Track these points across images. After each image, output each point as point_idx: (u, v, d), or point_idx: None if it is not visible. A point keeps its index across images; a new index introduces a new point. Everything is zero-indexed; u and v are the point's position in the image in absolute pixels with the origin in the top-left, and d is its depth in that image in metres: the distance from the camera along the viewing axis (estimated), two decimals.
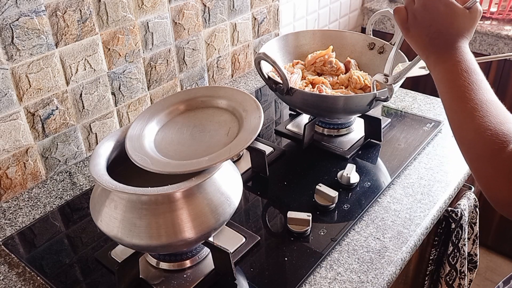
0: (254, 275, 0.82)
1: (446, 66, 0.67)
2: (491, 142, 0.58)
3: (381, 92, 1.02)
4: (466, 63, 0.66)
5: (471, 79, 0.64)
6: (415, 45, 0.74)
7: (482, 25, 1.77)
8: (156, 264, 0.84)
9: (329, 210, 0.95)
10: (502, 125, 0.59)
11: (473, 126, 0.60)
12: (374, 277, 0.81)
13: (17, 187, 1.03)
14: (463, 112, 0.62)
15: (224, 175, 0.78)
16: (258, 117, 0.77)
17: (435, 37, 0.70)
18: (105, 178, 0.70)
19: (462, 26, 0.69)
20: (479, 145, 0.59)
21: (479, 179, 0.60)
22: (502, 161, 0.56)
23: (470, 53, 0.68)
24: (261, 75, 1.09)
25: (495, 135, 0.58)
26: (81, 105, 1.08)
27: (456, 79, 0.65)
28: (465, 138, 0.62)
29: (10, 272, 0.85)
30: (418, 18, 0.71)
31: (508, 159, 0.56)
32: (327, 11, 1.82)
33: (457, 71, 0.65)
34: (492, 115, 0.60)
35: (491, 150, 0.57)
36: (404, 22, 0.74)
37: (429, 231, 0.94)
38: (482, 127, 0.59)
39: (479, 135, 0.59)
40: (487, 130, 0.59)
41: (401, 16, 0.74)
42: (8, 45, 0.91)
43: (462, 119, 0.63)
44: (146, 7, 1.13)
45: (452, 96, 0.65)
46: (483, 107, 0.61)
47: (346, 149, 1.13)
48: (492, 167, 0.58)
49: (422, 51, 0.73)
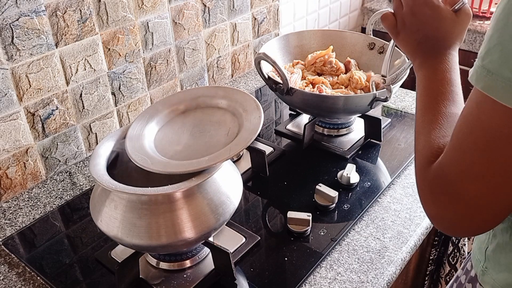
0: (254, 275, 0.82)
1: (426, 73, 0.67)
2: (425, 155, 0.57)
3: (380, 92, 1.02)
4: (444, 73, 0.66)
5: (442, 90, 0.64)
6: (404, 49, 0.74)
7: (482, 25, 1.77)
8: (156, 264, 0.84)
9: (329, 210, 0.95)
10: (442, 138, 0.58)
11: (423, 137, 0.60)
12: (374, 277, 0.81)
13: (17, 187, 1.03)
14: (422, 122, 0.62)
15: (224, 175, 0.78)
16: (258, 117, 0.77)
17: (423, 41, 0.70)
18: (105, 178, 0.70)
19: (449, 30, 0.69)
20: (418, 155, 0.59)
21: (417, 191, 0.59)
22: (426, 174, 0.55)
23: (454, 61, 0.68)
24: (261, 75, 1.09)
25: (431, 148, 0.57)
26: (81, 105, 1.08)
27: (429, 88, 0.65)
28: (416, 147, 0.62)
29: (10, 272, 0.85)
30: (407, 23, 0.71)
31: (430, 174, 0.55)
32: (327, 11, 1.82)
33: (433, 80, 0.65)
34: (441, 128, 0.59)
35: (422, 162, 0.57)
36: (393, 27, 0.74)
37: (429, 231, 0.94)
38: (427, 139, 0.59)
39: (422, 146, 0.59)
40: (428, 143, 0.58)
41: (389, 21, 0.74)
42: (8, 45, 0.91)
43: (419, 128, 0.62)
44: (146, 7, 1.13)
45: (420, 104, 0.65)
46: (438, 119, 0.60)
47: (346, 149, 1.13)
48: (420, 180, 0.57)
49: (410, 54, 0.73)
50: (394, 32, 0.74)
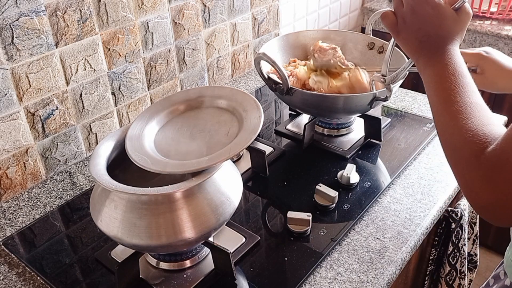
0: (254, 275, 0.82)
1: (435, 69, 0.68)
2: (472, 143, 0.57)
3: (380, 92, 1.02)
4: (454, 66, 0.66)
5: (458, 82, 0.64)
6: (405, 48, 0.74)
7: (482, 25, 1.77)
8: (156, 264, 0.84)
9: (329, 210, 0.95)
10: (483, 126, 0.58)
11: (456, 128, 0.60)
12: (374, 277, 0.81)
13: (17, 187, 1.03)
14: (448, 115, 0.62)
15: (224, 175, 0.78)
16: (258, 117, 0.77)
17: (425, 40, 0.70)
18: (105, 178, 0.70)
19: (451, 28, 0.69)
20: (460, 146, 0.59)
21: (461, 182, 0.59)
22: (481, 162, 0.56)
23: (459, 56, 0.68)
24: (261, 75, 1.09)
25: (476, 136, 0.57)
26: (81, 105, 1.08)
27: (443, 82, 0.65)
28: (448, 141, 0.62)
29: (10, 272, 0.85)
30: (407, 21, 0.71)
31: (486, 161, 0.55)
32: (327, 11, 1.82)
33: (445, 74, 0.66)
34: (475, 117, 0.60)
35: (471, 151, 0.57)
36: (393, 26, 0.74)
37: (429, 231, 0.94)
38: (464, 129, 0.59)
39: (461, 137, 0.59)
40: (468, 132, 0.58)
41: (389, 20, 0.74)
42: (8, 45, 0.91)
43: (446, 121, 0.63)
44: (146, 7, 1.13)
45: (439, 99, 0.65)
46: (467, 109, 0.61)
47: (346, 149, 1.13)
48: (471, 169, 0.57)
49: (412, 54, 0.73)
50: (395, 31, 0.74)
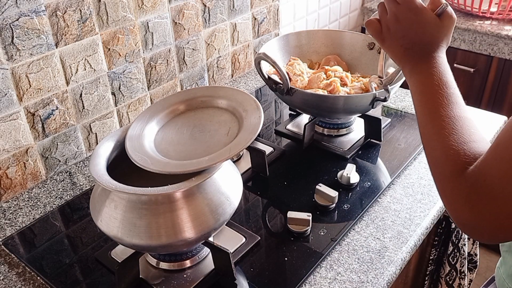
0: (254, 275, 0.82)
1: (420, 78, 0.67)
2: (452, 161, 0.57)
3: (380, 92, 1.02)
4: (439, 75, 0.65)
5: (442, 93, 0.63)
6: (391, 55, 0.74)
7: (482, 25, 1.77)
8: (156, 264, 0.84)
9: (329, 210, 0.95)
10: (465, 144, 0.58)
11: (439, 143, 0.60)
12: (374, 277, 0.81)
13: (17, 187, 1.03)
14: (432, 128, 0.62)
15: (224, 175, 0.78)
16: (258, 117, 0.77)
17: (409, 47, 0.69)
18: (105, 178, 0.70)
19: (435, 34, 0.69)
20: (443, 164, 0.59)
21: (443, 198, 0.59)
22: (460, 182, 0.55)
23: (445, 64, 0.68)
24: (261, 75, 1.09)
25: (457, 154, 0.57)
26: (81, 105, 1.08)
27: (427, 93, 0.65)
28: (431, 155, 0.62)
29: (10, 272, 0.85)
30: (392, 29, 0.71)
31: (465, 181, 0.54)
32: (327, 11, 1.82)
33: (430, 84, 0.65)
34: (457, 133, 0.59)
35: (452, 169, 0.57)
36: (378, 34, 0.74)
37: (429, 231, 0.94)
38: (446, 146, 0.59)
39: (443, 153, 0.59)
40: (450, 149, 0.58)
41: (374, 28, 0.74)
42: (8, 45, 0.91)
43: (430, 135, 0.62)
44: (146, 7, 1.13)
45: (423, 110, 0.65)
46: (450, 124, 0.60)
47: (346, 149, 1.13)
48: (452, 188, 0.56)
49: (398, 61, 0.72)
50: (379, 38, 0.74)
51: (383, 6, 0.73)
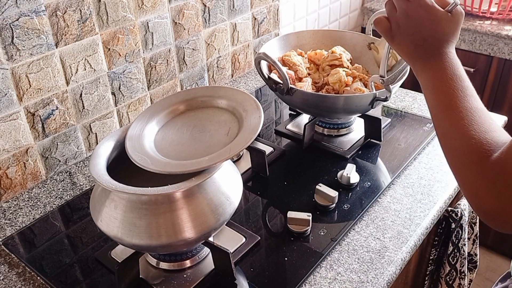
0: (254, 275, 0.82)
1: (432, 73, 0.67)
2: (476, 150, 0.58)
3: (381, 92, 1.02)
4: (452, 69, 0.66)
5: (457, 86, 0.64)
6: (400, 52, 0.74)
7: (482, 25, 1.77)
8: (156, 264, 0.84)
9: (329, 210, 0.95)
10: (486, 133, 0.59)
11: (458, 134, 0.60)
12: (374, 277, 0.81)
13: (17, 187, 1.03)
14: (449, 120, 0.62)
15: (224, 175, 0.78)
16: (258, 117, 0.77)
17: (420, 44, 0.69)
18: (105, 178, 0.70)
19: (446, 30, 0.69)
20: (464, 153, 0.59)
21: (464, 188, 0.59)
22: (485, 170, 0.56)
23: (456, 59, 0.68)
24: (261, 75, 1.09)
25: (479, 143, 0.58)
26: (81, 105, 1.08)
27: (441, 86, 0.65)
28: (450, 146, 0.62)
29: (10, 272, 0.85)
30: (402, 26, 0.71)
31: (491, 168, 0.55)
32: (327, 11, 1.82)
33: (443, 78, 0.65)
34: (476, 123, 0.60)
35: (475, 159, 0.57)
36: (387, 31, 0.73)
37: (429, 231, 0.94)
38: (467, 136, 0.59)
39: (464, 143, 0.59)
40: (471, 139, 0.59)
41: (383, 26, 0.74)
42: (8, 45, 0.91)
43: (447, 127, 0.63)
44: (146, 7, 1.13)
45: (438, 104, 0.65)
46: (468, 115, 0.61)
47: (346, 149, 1.13)
48: (476, 176, 0.57)
49: (408, 58, 0.72)
50: (389, 36, 0.74)
51: (391, 4, 0.72)
